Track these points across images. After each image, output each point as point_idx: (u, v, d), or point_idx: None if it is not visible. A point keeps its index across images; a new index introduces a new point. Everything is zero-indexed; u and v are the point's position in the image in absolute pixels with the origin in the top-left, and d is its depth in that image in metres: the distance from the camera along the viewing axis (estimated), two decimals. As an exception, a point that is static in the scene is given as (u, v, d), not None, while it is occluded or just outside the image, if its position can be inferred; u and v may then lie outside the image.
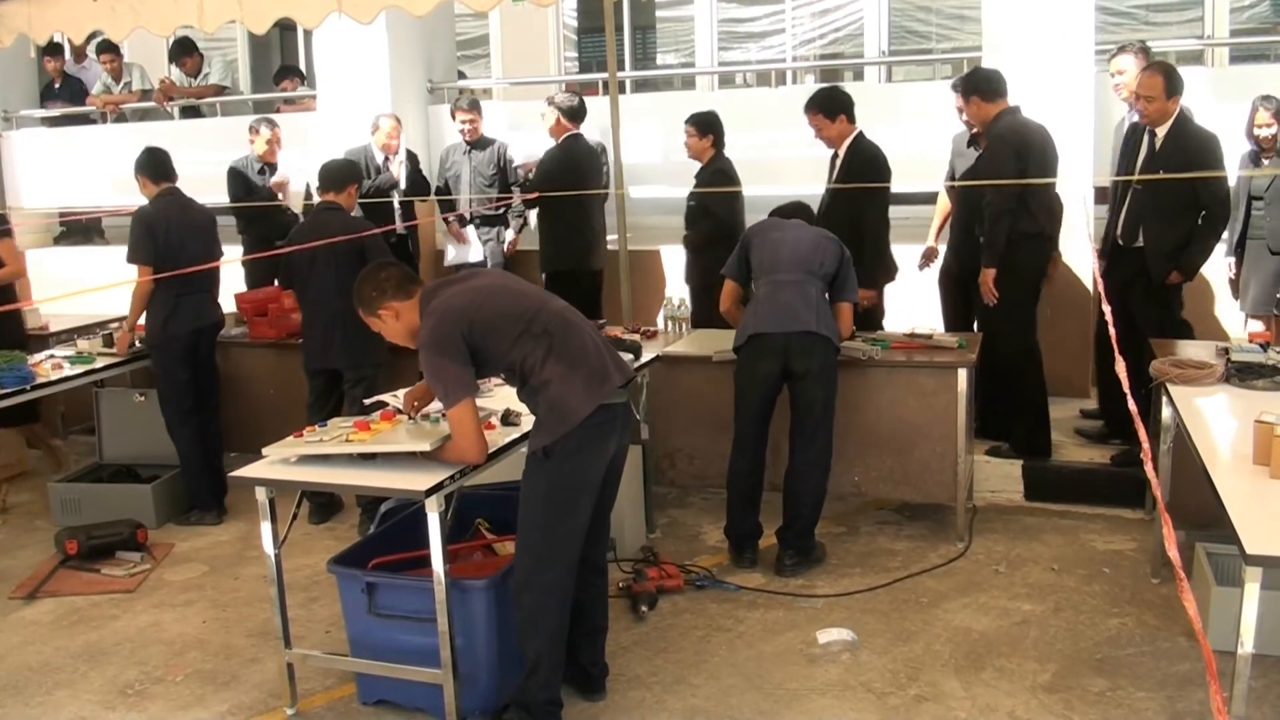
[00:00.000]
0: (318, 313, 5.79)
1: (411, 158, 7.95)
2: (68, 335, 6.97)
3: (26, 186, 9.88)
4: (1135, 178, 5.66)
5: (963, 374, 5.29)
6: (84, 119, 10.68)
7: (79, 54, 10.76)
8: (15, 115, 10.49)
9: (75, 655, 4.73)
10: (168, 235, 5.94)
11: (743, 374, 5.16)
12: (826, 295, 5.14)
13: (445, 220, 8.02)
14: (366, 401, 4.80)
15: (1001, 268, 5.76)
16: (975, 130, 6.08)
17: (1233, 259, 6.35)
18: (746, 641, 4.52)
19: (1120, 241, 5.79)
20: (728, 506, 5.29)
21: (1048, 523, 5.65)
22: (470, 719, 3.94)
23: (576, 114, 7.36)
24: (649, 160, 7.36)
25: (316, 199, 6.26)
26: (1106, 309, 4.00)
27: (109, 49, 10.08)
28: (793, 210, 5.43)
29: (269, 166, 7.82)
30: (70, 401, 7.09)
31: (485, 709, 3.96)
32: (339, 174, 5.98)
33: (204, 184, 9.61)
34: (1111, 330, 3.92)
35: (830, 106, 6.11)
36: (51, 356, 6.32)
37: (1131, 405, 3.09)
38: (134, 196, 6.38)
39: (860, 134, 6.14)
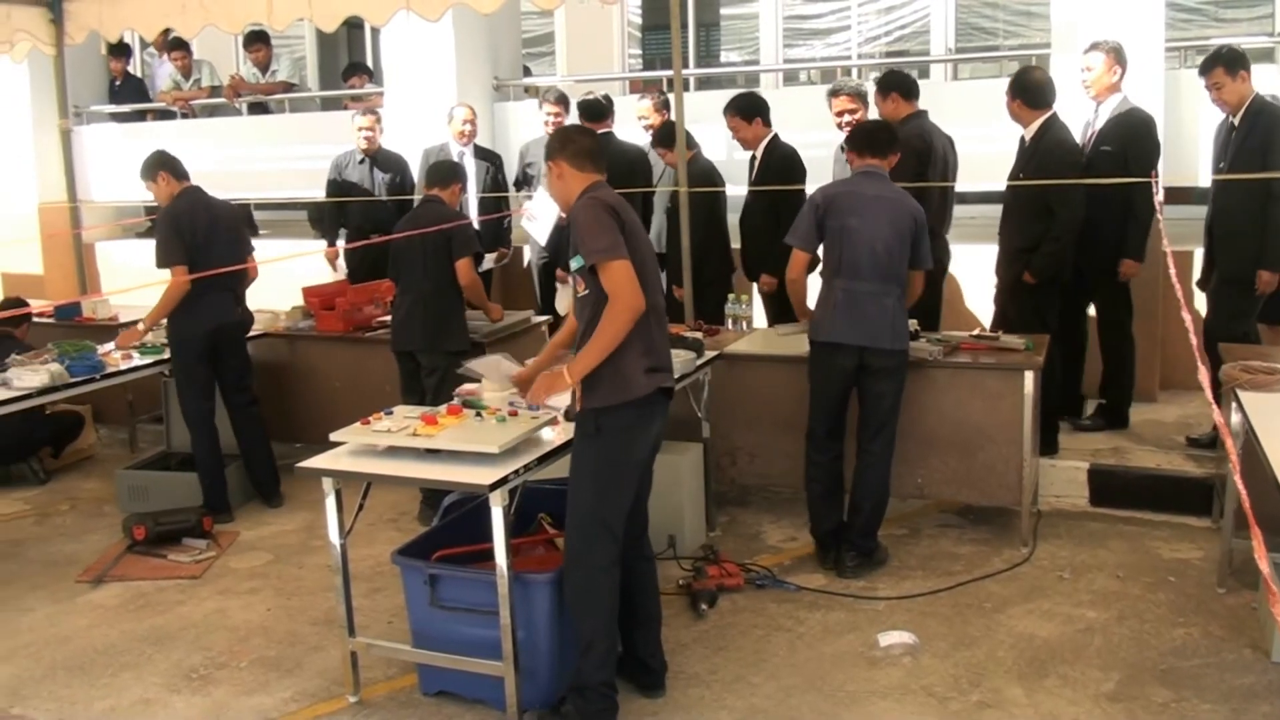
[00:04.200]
0: (405, 295, 5.91)
1: (492, 157, 7.99)
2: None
3: (96, 181, 10.06)
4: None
5: (1029, 376, 5.22)
6: (152, 114, 10.85)
7: (160, 46, 10.89)
8: (85, 111, 10.68)
9: (141, 639, 4.82)
10: (194, 233, 5.98)
11: (817, 371, 5.13)
12: (901, 295, 5.03)
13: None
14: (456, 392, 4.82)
15: None
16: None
17: None
18: (807, 642, 4.50)
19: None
20: (809, 505, 5.24)
21: (1113, 529, 5.56)
22: (530, 712, 3.95)
23: (600, 111, 7.32)
24: (712, 158, 7.32)
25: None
26: (1187, 316, 3.92)
27: (179, 46, 10.23)
28: (868, 143, 5.16)
29: (370, 158, 7.87)
30: (138, 391, 7.21)
31: (545, 702, 3.97)
32: (446, 172, 6.10)
33: (268, 179, 9.82)
34: (1193, 338, 3.85)
35: (748, 110, 6.52)
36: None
37: (1217, 415, 3.04)
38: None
39: (775, 136, 6.58)
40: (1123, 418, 6.36)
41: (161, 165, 6.12)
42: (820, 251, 5.23)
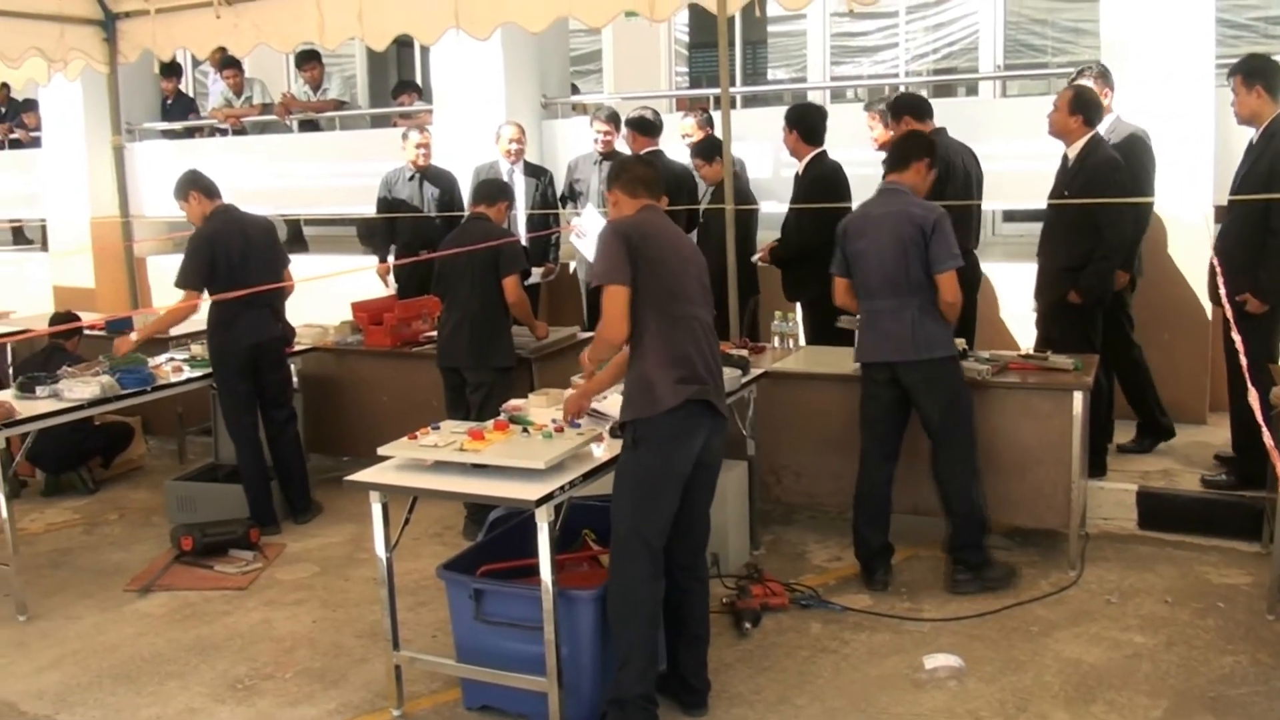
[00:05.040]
0: (452, 311, 5.95)
1: (540, 174, 8.04)
2: (182, 340, 7.16)
3: (148, 196, 10.20)
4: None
5: (1078, 397, 5.16)
6: (203, 132, 11.00)
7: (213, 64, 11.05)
8: (138, 128, 10.84)
9: (187, 648, 4.87)
10: (228, 254, 6.04)
11: (864, 392, 5.15)
12: (927, 305, 4.97)
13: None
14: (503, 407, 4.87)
15: None
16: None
17: None
18: (852, 664, 4.46)
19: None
20: (854, 526, 5.20)
21: (1161, 553, 5.48)
22: (573, 728, 3.95)
23: (650, 128, 7.36)
24: (759, 175, 7.34)
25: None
26: (1237, 336, 3.88)
27: (231, 64, 10.36)
28: (889, 158, 5.24)
29: (420, 174, 7.94)
30: (188, 403, 7.29)
31: (588, 719, 3.97)
32: (493, 190, 6.16)
33: (318, 195, 9.91)
34: (1244, 360, 3.80)
35: (791, 121, 6.61)
36: (171, 359, 6.53)
37: (1267, 438, 2.99)
38: (248, 206, 6.52)
39: (820, 153, 6.58)
40: (1165, 428, 6.27)
41: (192, 185, 6.19)
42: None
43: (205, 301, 6.08)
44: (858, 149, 6.85)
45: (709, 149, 7.05)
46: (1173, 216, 6.43)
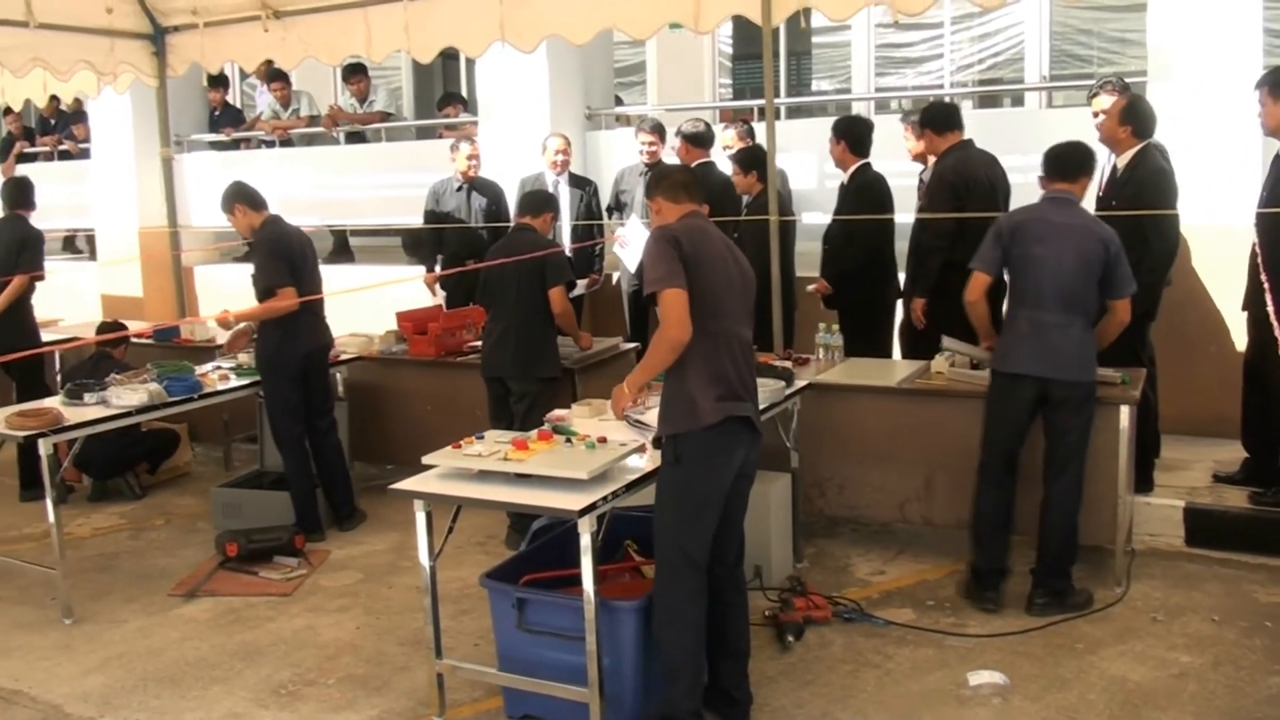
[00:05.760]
0: (497, 322, 5.98)
1: (585, 185, 8.08)
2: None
3: (196, 207, 10.33)
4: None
5: (1125, 411, 5.10)
6: (250, 144, 11.12)
7: (261, 77, 11.18)
8: (186, 140, 10.98)
9: (231, 653, 4.91)
10: (291, 258, 6.11)
11: (997, 401, 5.02)
12: (1089, 325, 4.91)
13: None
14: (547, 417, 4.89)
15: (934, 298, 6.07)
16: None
17: None
18: (894, 679, 4.43)
19: None
20: (973, 538, 5.09)
21: (1208, 570, 5.40)
22: (614, 739, 3.95)
23: (702, 140, 7.38)
24: (803, 187, 7.33)
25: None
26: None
27: (279, 77, 10.49)
28: (1056, 167, 5.01)
29: (469, 184, 7.99)
30: (234, 411, 7.36)
31: (630, 729, 3.97)
32: (538, 201, 6.21)
33: (364, 206, 10.00)
34: None
35: (837, 132, 6.66)
36: (218, 368, 6.59)
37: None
38: (295, 217, 6.59)
39: (863, 165, 6.61)
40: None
41: (237, 197, 6.24)
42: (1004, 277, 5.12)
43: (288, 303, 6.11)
44: (901, 160, 6.84)
45: (745, 160, 7.05)
46: (1225, 227, 6.35)
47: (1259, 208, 5.52)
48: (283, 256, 6.06)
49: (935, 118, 6.26)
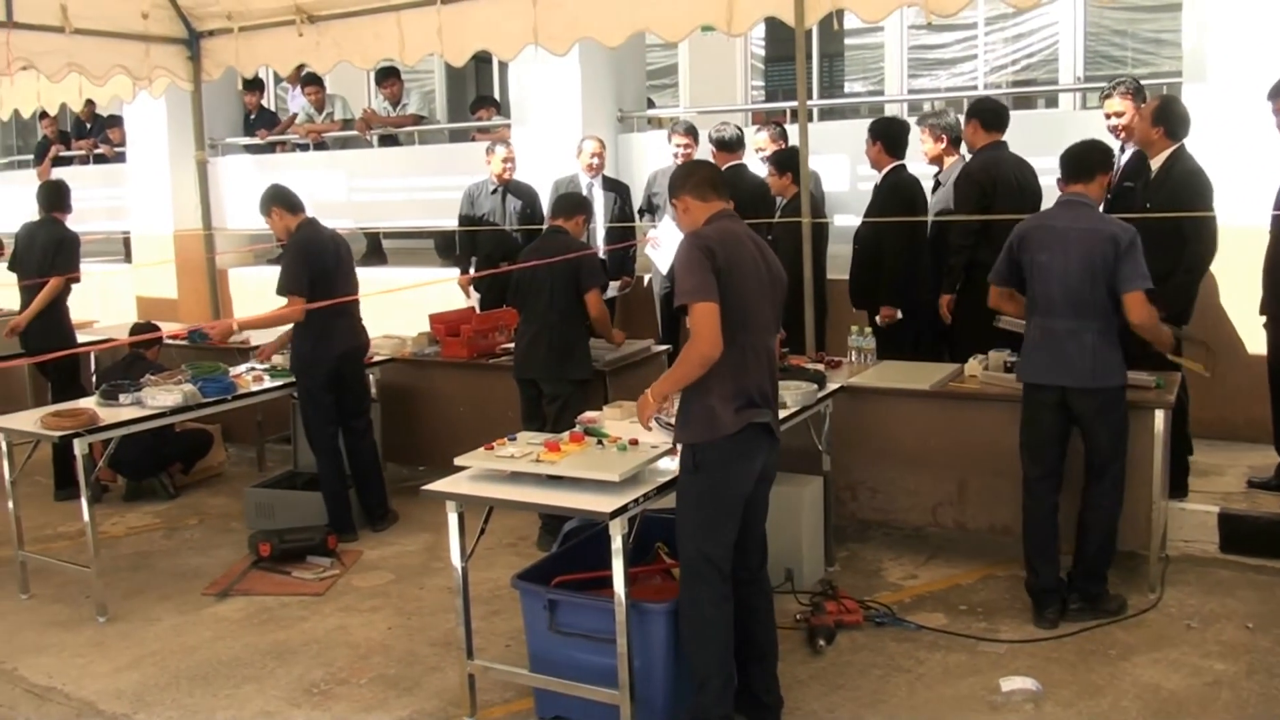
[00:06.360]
0: (530, 324, 6.00)
1: (619, 188, 8.08)
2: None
3: (230, 210, 10.42)
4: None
5: (1159, 415, 5.04)
6: (285, 147, 11.21)
7: (294, 81, 11.26)
8: (221, 143, 11.07)
9: (263, 652, 4.94)
10: (323, 262, 6.14)
11: (1025, 412, 4.97)
12: (1107, 329, 4.80)
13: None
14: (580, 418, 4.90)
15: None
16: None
17: None
18: (926, 684, 4.41)
19: None
20: (1025, 558, 5.01)
21: (1243, 577, 5.34)
22: (645, 741, 3.95)
23: (732, 144, 7.37)
24: (835, 188, 7.31)
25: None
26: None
27: (313, 81, 10.56)
28: (1069, 167, 4.93)
29: (503, 186, 8.01)
30: (268, 411, 7.41)
31: (660, 732, 3.96)
32: (571, 204, 6.21)
33: (397, 208, 10.05)
34: None
35: (874, 133, 6.61)
36: (252, 369, 6.64)
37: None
38: (328, 219, 6.62)
39: (897, 166, 6.56)
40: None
41: (274, 200, 6.29)
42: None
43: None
44: (920, 161, 6.81)
45: (782, 161, 7.05)
46: (1259, 229, 6.28)
47: (1275, 209, 5.47)
48: (308, 263, 6.09)
49: (985, 113, 6.22)
